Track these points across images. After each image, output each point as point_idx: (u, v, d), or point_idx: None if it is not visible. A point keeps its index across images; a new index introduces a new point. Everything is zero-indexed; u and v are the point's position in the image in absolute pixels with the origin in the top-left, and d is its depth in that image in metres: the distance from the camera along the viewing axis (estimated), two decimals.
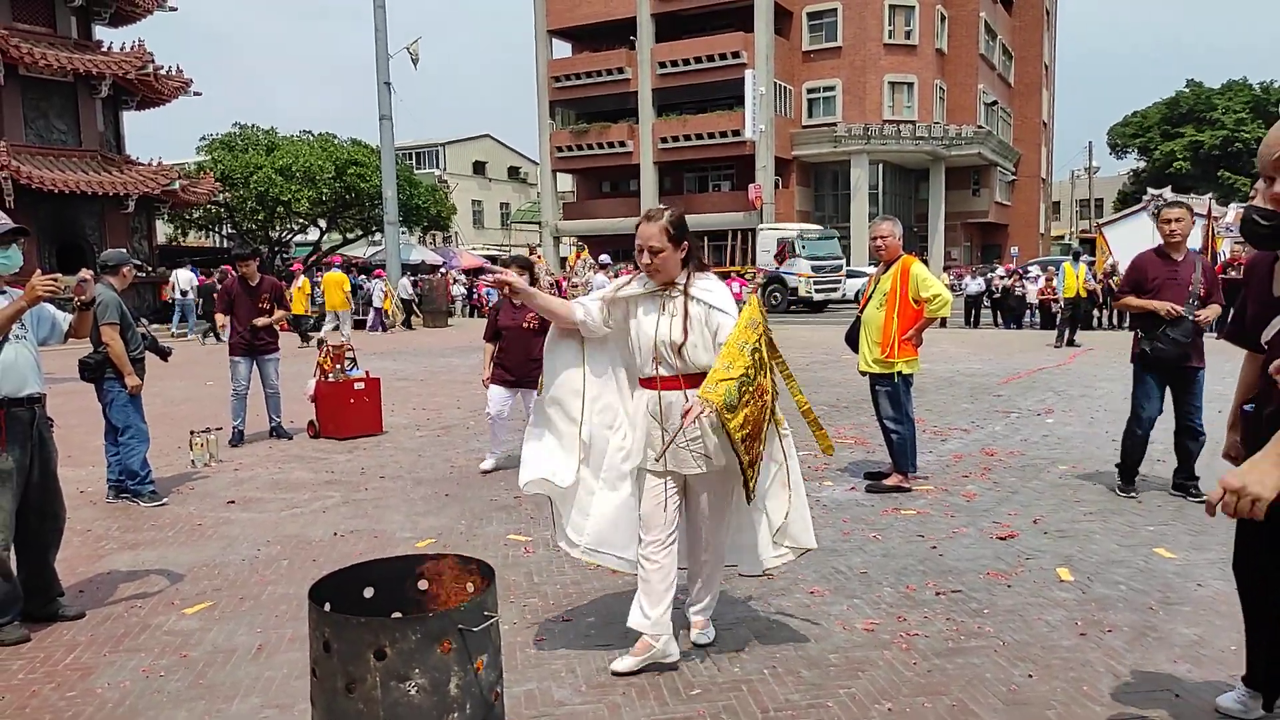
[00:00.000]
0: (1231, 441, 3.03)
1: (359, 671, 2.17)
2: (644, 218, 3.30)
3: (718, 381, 3.05)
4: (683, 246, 3.27)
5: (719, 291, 3.32)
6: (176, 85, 24.45)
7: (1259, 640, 2.83)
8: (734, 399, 3.04)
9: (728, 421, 3.04)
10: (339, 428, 8.00)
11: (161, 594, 4.24)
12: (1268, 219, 2.54)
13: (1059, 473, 6.29)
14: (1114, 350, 15.06)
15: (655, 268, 3.25)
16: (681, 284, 3.28)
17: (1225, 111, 52.87)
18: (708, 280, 3.34)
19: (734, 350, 3.11)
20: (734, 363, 3.08)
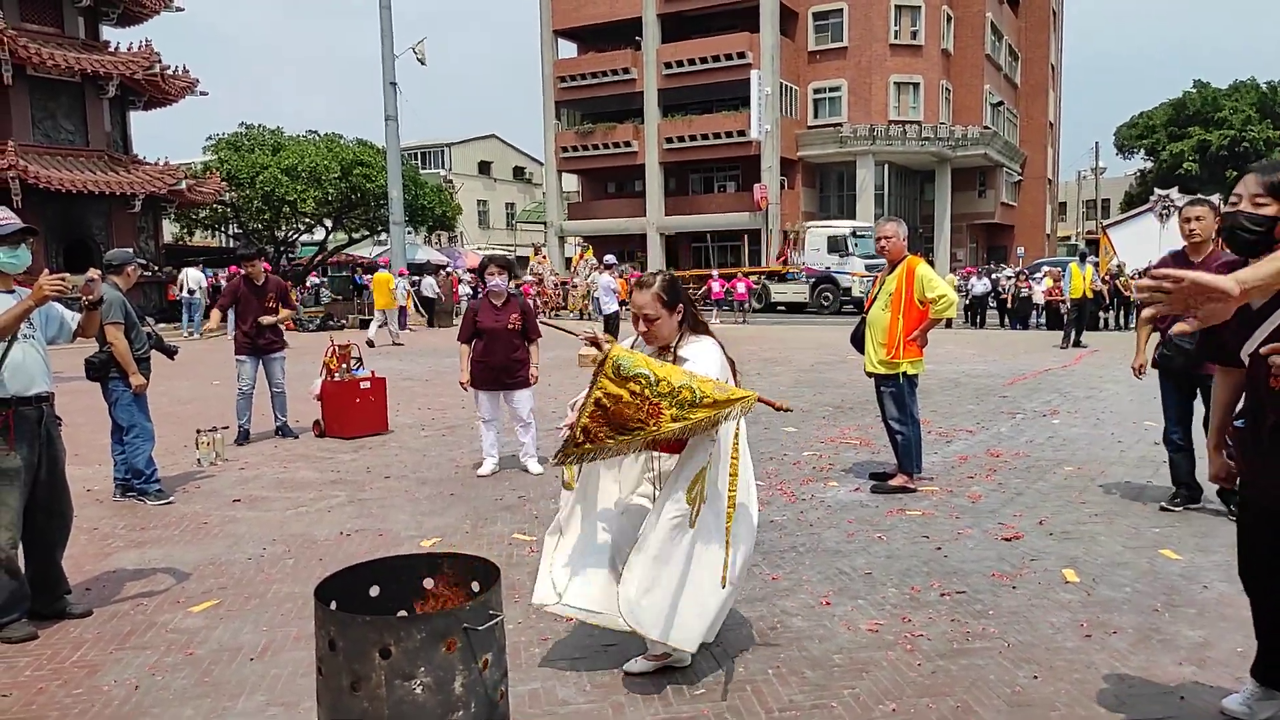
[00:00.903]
0: (1221, 463, 2.93)
1: (364, 670, 2.17)
2: (637, 285, 3.34)
3: (639, 357, 3.04)
4: (677, 310, 3.31)
5: (705, 351, 3.29)
6: (183, 85, 24.54)
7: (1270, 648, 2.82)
8: (628, 370, 2.97)
9: (604, 377, 2.97)
10: (344, 427, 8.02)
11: (167, 592, 4.25)
12: (1258, 224, 2.52)
13: (1064, 474, 6.27)
14: (1120, 352, 15.02)
15: (651, 334, 3.31)
16: (673, 346, 3.33)
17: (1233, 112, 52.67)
18: (698, 343, 3.34)
19: (677, 368, 3.07)
20: (665, 368, 3.02)
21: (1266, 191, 2.50)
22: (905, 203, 41.45)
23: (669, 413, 2.95)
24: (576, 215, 44.22)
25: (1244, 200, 2.55)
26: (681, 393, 2.95)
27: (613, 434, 3.01)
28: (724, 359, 3.33)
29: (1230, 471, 2.90)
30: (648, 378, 2.97)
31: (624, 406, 2.97)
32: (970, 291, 23.10)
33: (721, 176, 41.79)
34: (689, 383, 2.98)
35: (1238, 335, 2.67)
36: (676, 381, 2.97)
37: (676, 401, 2.95)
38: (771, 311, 29.16)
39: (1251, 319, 2.61)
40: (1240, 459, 2.80)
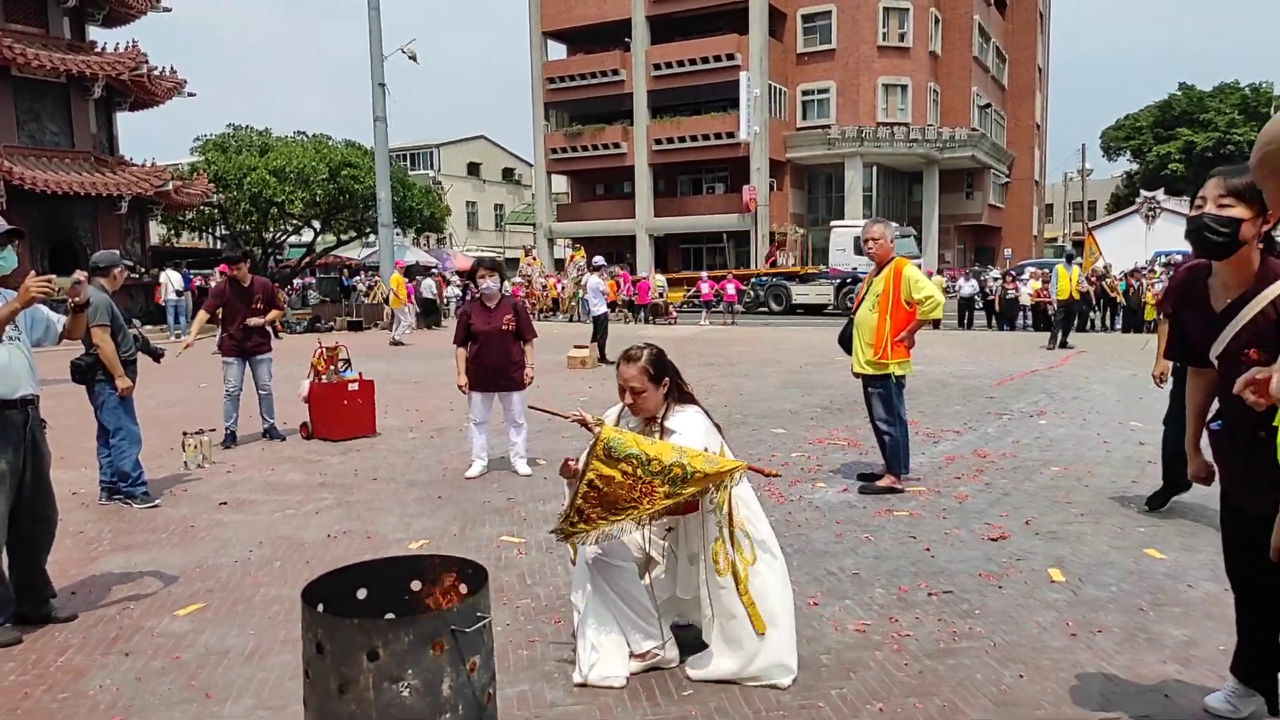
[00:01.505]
0: (1201, 463, 2.95)
1: (352, 673, 2.17)
2: (624, 357, 3.39)
3: (630, 437, 3.08)
4: (663, 383, 3.37)
5: (691, 422, 3.34)
6: (170, 86, 24.42)
7: (1253, 643, 2.84)
8: (618, 451, 3.01)
9: (596, 456, 3.02)
10: (332, 429, 8.00)
11: (154, 596, 4.23)
12: (1224, 226, 2.54)
13: (1051, 475, 6.31)
14: (1107, 353, 15.12)
15: (638, 406, 3.37)
16: (659, 417, 3.38)
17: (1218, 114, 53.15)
18: (684, 414, 3.39)
19: (668, 445, 3.12)
20: (656, 446, 3.07)
21: (1230, 194, 2.53)
22: (893, 204, 41.61)
23: (662, 490, 3.02)
24: (566, 217, 44.22)
25: (1209, 203, 2.57)
26: (673, 470, 3.02)
27: (606, 514, 3.06)
28: (710, 425, 3.40)
29: (1210, 470, 2.93)
30: (639, 458, 3.02)
31: (617, 487, 3.02)
32: (958, 293, 23.19)
33: (710, 178, 41.88)
34: (679, 459, 3.04)
35: (1205, 337, 2.70)
36: (668, 460, 3.03)
37: (669, 479, 3.02)
38: (792, 314, 28.59)
39: (1217, 321, 2.64)
40: (1217, 460, 2.83)
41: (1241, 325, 2.55)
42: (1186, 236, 2.69)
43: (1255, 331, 2.52)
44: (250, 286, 7.87)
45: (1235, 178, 2.52)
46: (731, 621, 3.18)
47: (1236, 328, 2.56)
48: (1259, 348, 2.52)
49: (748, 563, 3.18)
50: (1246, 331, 2.54)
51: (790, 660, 3.22)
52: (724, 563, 3.16)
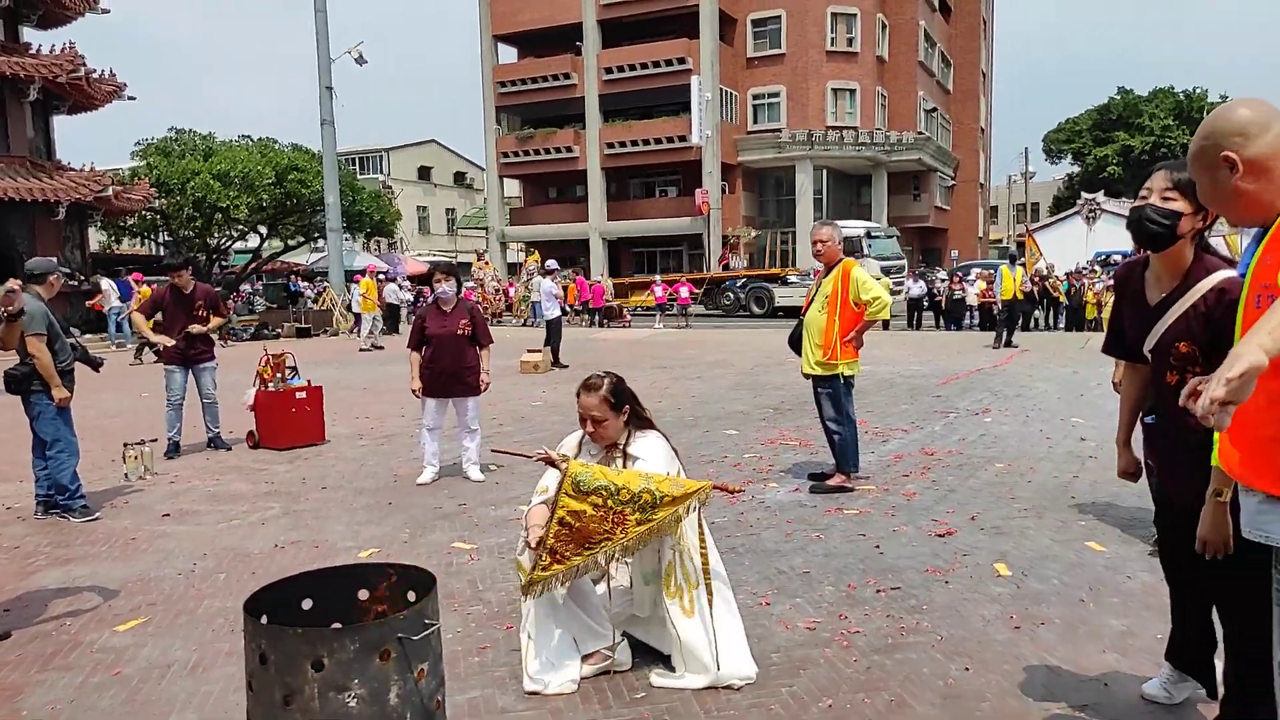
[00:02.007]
0: (1130, 458, 3.01)
1: (296, 683, 2.14)
2: (584, 387, 3.40)
3: (596, 469, 3.08)
4: (623, 410, 3.40)
5: (652, 448, 3.37)
6: (109, 89, 23.84)
7: (1187, 630, 2.93)
8: (587, 484, 3.01)
9: (565, 493, 3.01)
10: (279, 438, 7.86)
11: (94, 611, 4.12)
12: (1165, 218, 2.62)
13: (995, 471, 6.44)
14: (1049, 351, 15.48)
15: (599, 434, 3.38)
16: (621, 444, 3.40)
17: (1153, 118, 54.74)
18: (645, 440, 3.41)
19: (634, 473, 3.13)
20: (622, 476, 3.09)
21: (1174, 187, 2.59)
22: (843, 206, 42.09)
23: (633, 518, 3.04)
24: (518, 220, 44.01)
25: (1153, 194, 2.64)
26: (642, 496, 3.04)
27: (579, 550, 3.06)
28: (670, 450, 3.42)
29: (1139, 466, 3.01)
30: (608, 489, 3.03)
31: (588, 521, 3.02)
32: (906, 293, 23.53)
33: (662, 181, 41.99)
34: (647, 485, 3.06)
35: (1138, 332, 2.77)
36: (636, 487, 3.05)
37: (638, 506, 3.04)
38: (774, 316, 28.19)
39: (1151, 314, 2.72)
40: (1150, 454, 2.91)
41: (1174, 319, 2.62)
42: (1128, 226, 2.76)
43: (1186, 325, 2.60)
44: (192, 293, 7.69)
45: (1181, 172, 2.59)
46: (691, 643, 3.18)
47: (1169, 321, 2.63)
48: (1189, 341, 2.59)
49: (694, 586, 3.18)
50: (1177, 325, 2.62)
51: (750, 669, 3.25)
52: (674, 588, 3.18)
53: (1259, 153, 1.83)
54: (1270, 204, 1.85)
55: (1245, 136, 1.84)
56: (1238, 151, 1.84)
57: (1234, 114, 1.87)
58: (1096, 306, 20.45)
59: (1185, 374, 2.57)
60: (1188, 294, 2.61)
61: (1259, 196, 1.86)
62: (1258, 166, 1.84)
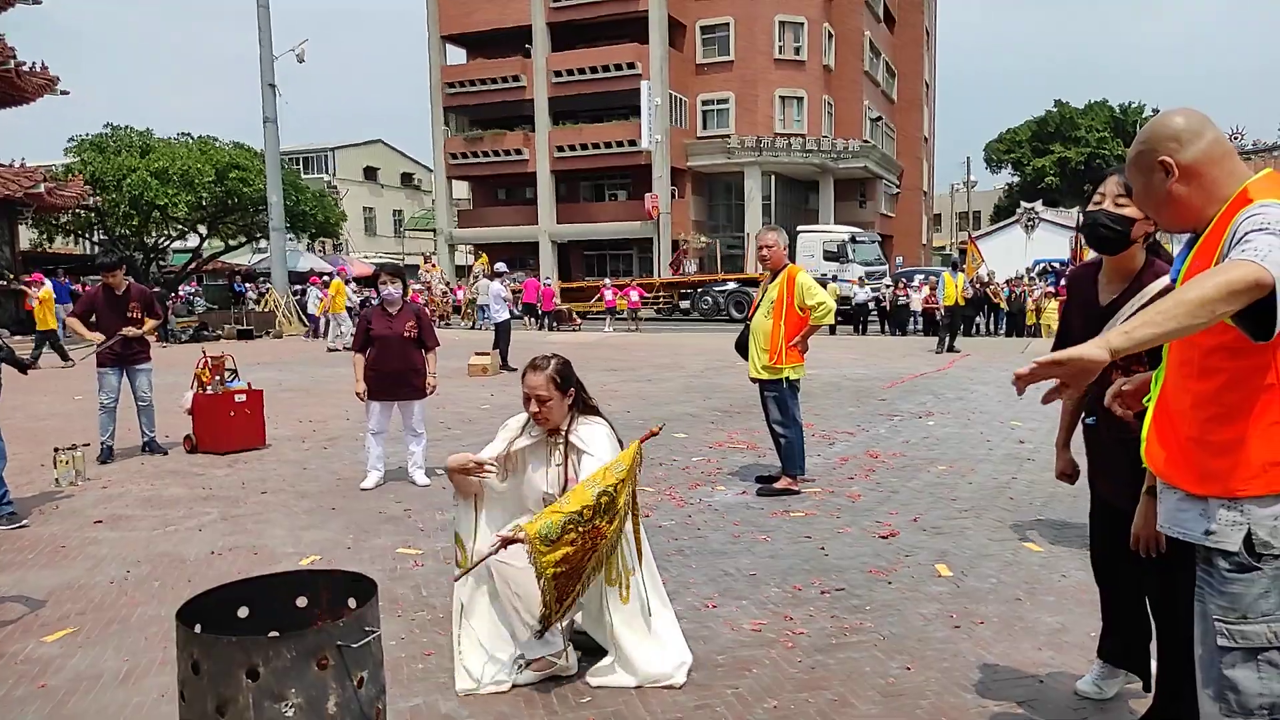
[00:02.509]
0: (1067, 460, 3.08)
1: (230, 692, 2.09)
2: (530, 366, 3.38)
3: (546, 514, 3.07)
4: (569, 392, 3.38)
5: (596, 436, 3.37)
6: (41, 83, 23.04)
7: (1118, 623, 3.00)
8: (554, 533, 2.99)
9: (540, 555, 3.00)
10: (218, 441, 7.67)
11: (19, 621, 3.97)
12: (1117, 223, 2.69)
13: (937, 472, 6.56)
14: (990, 355, 15.83)
15: (543, 415, 3.35)
16: (564, 429, 3.38)
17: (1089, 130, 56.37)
18: (590, 425, 3.41)
19: (581, 488, 3.13)
20: (573, 499, 3.08)
21: (1127, 193, 2.64)
22: (791, 212, 42.52)
23: (604, 523, 3.06)
24: (467, 223, 43.64)
25: (1106, 199, 2.71)
26: (600, 501, 3.05)
27: (579, 580, 3.10)
28: (615, 440, 3.42)
29: (1076, 469, 3.09)
30: (574, 520, 3.01)
31: (572, 556, 3.02)
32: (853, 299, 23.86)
33: (613, 185, 41.98)
34: (595, 487, 3.06)
35: (1087, 333, 2.84)
36: (591, 498, 3.04)
37: (601, 511, 3.05)
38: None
39: (1099, 315, 2.79)
40: (1088, 455, 2.98)
41: (1122, 320, 2.69)
42: (1080, 229, 2.84)
43: None
44: (126, 294, 7.46)
45: None
46: (628, 633, 3.20)
47: (1118, 322, 2.70)
48: None
49: (630, 573, 3.23)
50: None
51: (687, 656, 3.28)
52: (614, 575, 3.20)
53: (1192, 159, 1.89)
54: (1200, 210, 1.91)
55: (1180, 142, 1.90)
56: (1173, 156, 1.90)
57: (1170, 121, 1.93)
58: (1035, 312, 20.97)
59: (1130, 374, 2.65)
60: (1137, 295, 2.69)
61: (1190, 202, 1.92)
62: (1191, 172, 1.90)
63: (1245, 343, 1.75)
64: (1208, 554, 1.88)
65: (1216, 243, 1.81)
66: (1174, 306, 1.62)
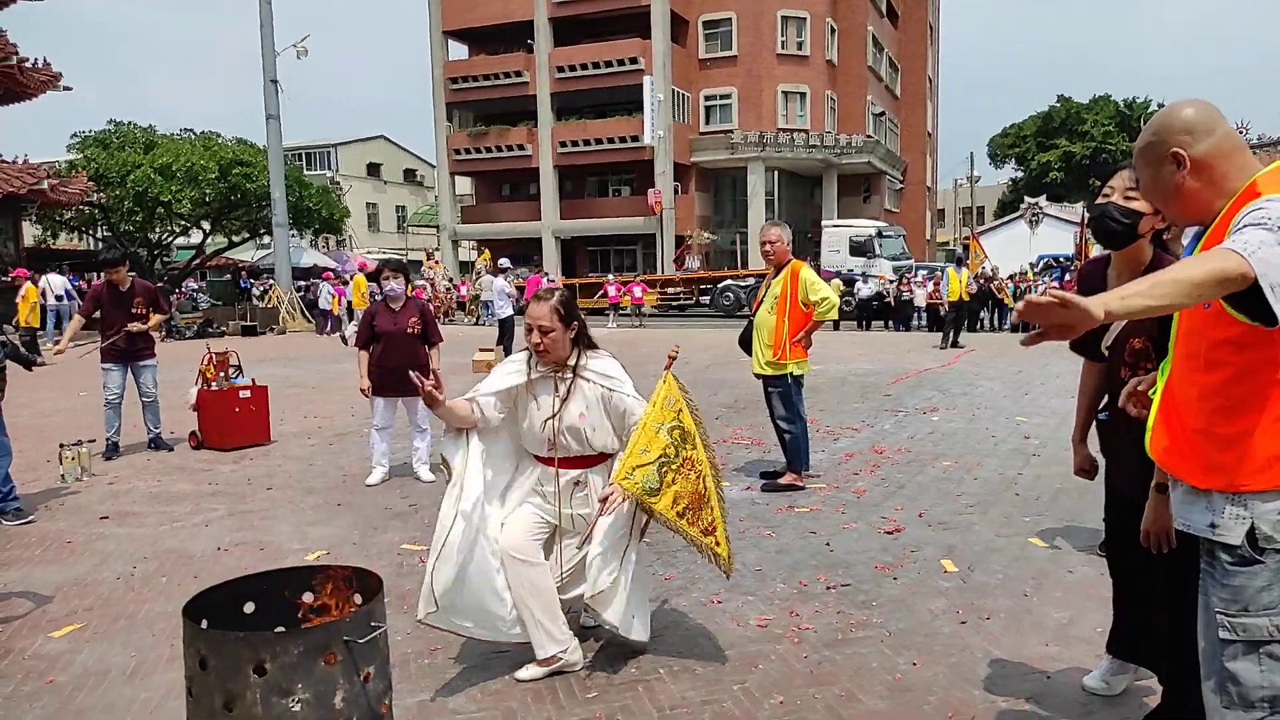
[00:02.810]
0: (1085, 455, 3.06)
1: (237, 688, 2.09)
2: (534, 298, 3.34)
3: (634, 469, 3.07)
4: (572, 326, 3.34)
5: (612, 367, 3.37)
6: (44, 79, 23.05)
7: (1131, 617, 2.99)
8: (654, 483, 3.05)
9: (653, 505, 3.06)
10: (224, 437, 7.68)
11: (26, 617, 3.98)
12: (1126, 217, 2.67)
13: (943, 468, 6.54)
14: (995, 350, 15.79)
15: (545, 347, 3.29)
16: (573, 364, 3.35)
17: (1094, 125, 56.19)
18: (601, 360, 3.39)
19: (649, 433, 3.14)
20: (650, 446, 3.10)
21: (1136, 187, 2.63)
22: (795, 207, 42.47)
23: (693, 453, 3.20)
24: (471, 219, 43.63)
25: (1116, 193, 2.69)
26: (674, 435, 3.15)
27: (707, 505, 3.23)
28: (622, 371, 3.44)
29: (1094, 464, 3.07)
30: (667, 461, 3.11)
31: (683, 493, 3.14)
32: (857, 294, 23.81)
33: (616, 180, 41.95)
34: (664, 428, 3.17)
35: (1099, 328, 2.83)
36: (665, 439, 3.14)
37: (681, 443, 3.17)
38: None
39: None
40: (1103, 449, 2.97)
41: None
42: (1089, 224, 2.83)
43: (1140, 321, 2.66)
44: (130, 290, 7.47)
45: None
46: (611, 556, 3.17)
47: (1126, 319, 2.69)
48: (1143, 337, 2.65)
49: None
50: (1133, 321, 2.68)
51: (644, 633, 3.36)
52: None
53: (1204, 152, 1.88)
54: (1209, 204, 1.90)
55: (1192, 135, 1.88)
56: (1184, 149, 1.88)
57: (1182, 112, 1.92)
58: None
59: (1138, 370, 2.63)
60: None
61: (1199, 195, 1.91)
62: (1201, 165, 1.88)
63: (1252, 337, 1.75)
64: (1210, 547, 1.87)
65: (1222, 236, 1.80)
66: (1170, 284, 1.65)
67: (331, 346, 18.63)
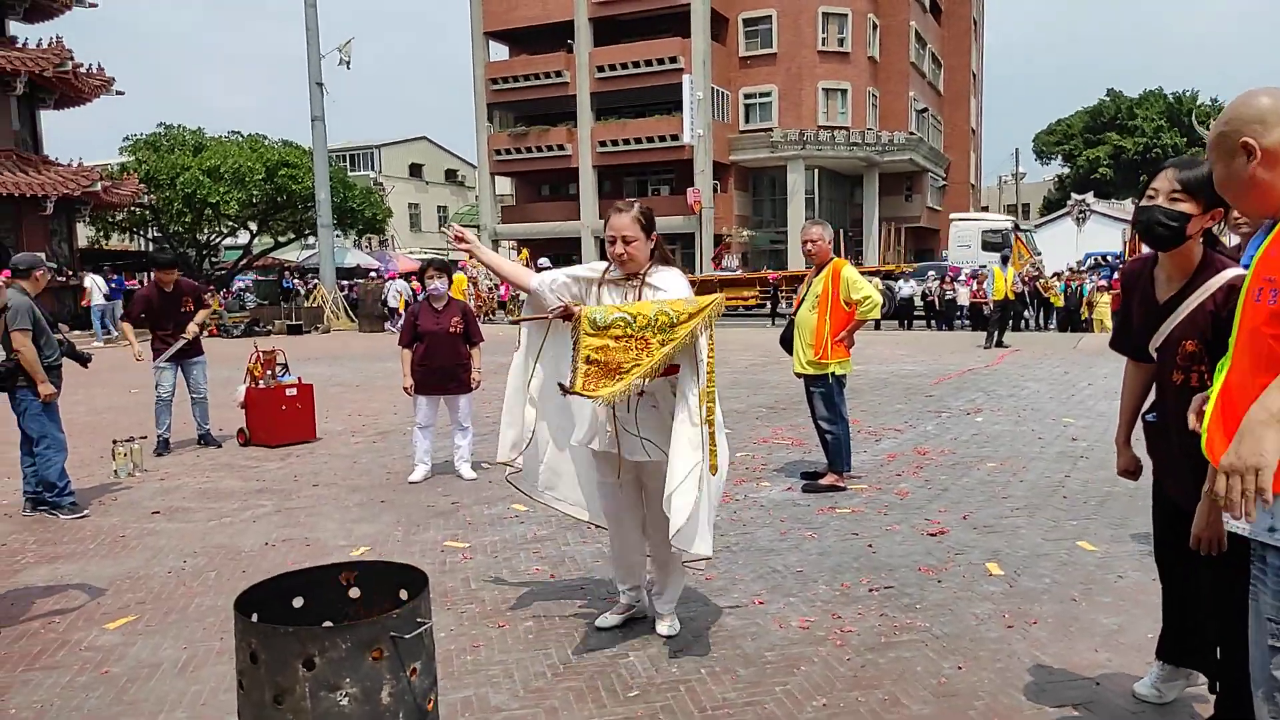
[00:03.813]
0: (1130, 457, 3.00)
1: (287, 682, 2.12)
2: (614, 210, 3.45)
3: (608, 307, 3.20)
4: (651, 237, 3.44)
5: (673, 281, 3.42)
6: (97, 84, 23.69)
7: (1181, 622, 2.92)
8: (602, 321, 3.12)
9: (583, 334, 3.13)
10: (271, 435, 7.82)
11: (81, 609, 4.09)
12: (1173, 219, 2.61)
13: (988, 470, 6.45)
14: (1041, 350, 15.53)
15: (628, 256, 3.39)
16: (642, 274, 3.43)
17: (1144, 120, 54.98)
18: (667, 273, 3.46)
19: (647, 304, 3.22)
20: (637, 309, 3.17)
21: (1183, 188, 2.57)
22: (835, 206, 42.17)
23: (655, 340, 3.13)
24: (510, 218, 43.94)
25: (1160, 195, 2.61)
26: (659, 319, 3.14)
27: (611, 382, 3.14)
28: (689, 287, 3.48)
29: (1138, 465, 3.01)
30: (625, 319, 3.13)
31: (612, 353, 3.12)
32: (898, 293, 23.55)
33: (655, 180, 41.98)
34: (662, 309, 3.16)
35: (1146, 329, 2.77)
36: (651, 312, 3.15)
37: (657, 328, 3.13)
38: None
39: (1159, 312, 2.71)
40: (1150, 452, 2.90)
41: (1182, 318, 2.62)
42: (1135, 227, 2.76)
43: (1193, 323, 2.59)
44: (177, 289, 7.70)
45: (1188, 171, 2.57)
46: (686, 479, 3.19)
47: (1177, 320, 2.63)
48: (1196, 340, 2.59)
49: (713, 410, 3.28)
50: (1185, 323, 2.61)
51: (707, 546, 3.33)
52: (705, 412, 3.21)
53: (1276, 141, 1.82)
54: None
55: (1265, 124, 1.82)
56: (1257, 139, 1.83)
57: (1256, 101, 1.86)
58: (1088, 307, 20.51)
59: (1190, 373, 2.57)
60: (1196, 292, 2.61)
61: (1272, 187, 1.84)
62: (1274, 156, 1.82)
63: None
64: (1264, 552, 1.82)
65: None
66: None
67: (374, 343, 18.86)
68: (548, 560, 4.61)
